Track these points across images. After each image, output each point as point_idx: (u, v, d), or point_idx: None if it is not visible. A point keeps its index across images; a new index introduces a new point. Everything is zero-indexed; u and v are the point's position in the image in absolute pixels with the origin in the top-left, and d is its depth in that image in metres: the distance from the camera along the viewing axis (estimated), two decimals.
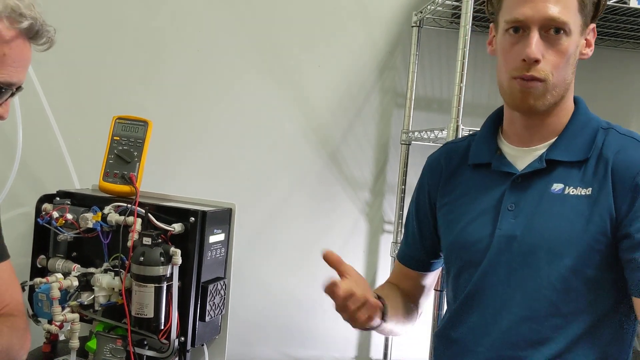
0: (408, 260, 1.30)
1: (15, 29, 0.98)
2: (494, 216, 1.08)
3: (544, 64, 1.00)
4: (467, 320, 1.11)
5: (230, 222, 1.53)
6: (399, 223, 2.07)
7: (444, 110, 2.12)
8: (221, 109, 2.03)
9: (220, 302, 1.51)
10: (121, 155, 1.51)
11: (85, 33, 1.94)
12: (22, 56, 1.01)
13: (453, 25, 2.02)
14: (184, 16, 2.00)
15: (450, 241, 1.16)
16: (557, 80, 1.02)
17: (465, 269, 1.12)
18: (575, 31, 1.01)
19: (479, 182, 1.14)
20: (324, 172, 2.11)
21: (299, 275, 2.09)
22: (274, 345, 2.11)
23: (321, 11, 2.06)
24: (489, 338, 1.07)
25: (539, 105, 1.03)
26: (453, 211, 1.16)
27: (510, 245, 1.05)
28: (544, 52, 1.00)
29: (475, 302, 1.10)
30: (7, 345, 1.07)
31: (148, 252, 1.32)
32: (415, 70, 2.03)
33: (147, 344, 1.40)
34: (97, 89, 1.97)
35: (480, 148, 1.16)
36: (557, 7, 0.99)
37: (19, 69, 1.01)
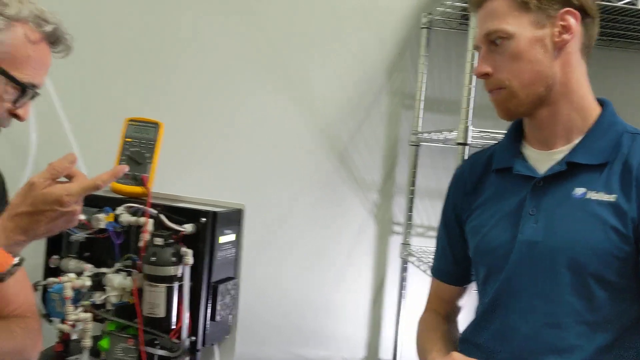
0: (441, 274, 1.30)
1: (39, 32, 1.02)
2: (516, 221, 1.08)
3: (499, 74, 1.06)
4: (490, 326, 1.11)
5: (240, 222, 1.55)
6: (408, 224, 2.07)
7: (453, 111, 2.11)
8: (230, 111, 2.05)
9: (231, 302, 1.52)
10: (133, 156, 1.53)
11: (97, 36, 1.96)
12: (44, 60, 1.05)
13: (462, 27, 2.02)
14: (195, 19, 2.01)
15: (475, 247, 1.16)
16: (521, 81, 1.04)
17: (490, 274, 1.12)
18: (520, 30, 1.03)
19: (502, 187, 1.14)
20: (332, 174, 2.11)
21: (308, 275, 2.10)
22: (283, 345, 2.12)
23: (330, 13, 2.07)
24: (511, 344, 1.07)
25: (514, 108, 1.07)
26: (477, 217, 1.17)
27: (532, 250, 1.05)
28: (495, 62, 1.06)
29: (498, 308, 1.10)
30: (21, 346, 1.09)
31: (160, 252, 1.34)
32: (425, 72, 2.03)
33: (158, 343, 1.41)
34: (108, 91, 1.98)
35: (503, 153, 1.17)
36: (489, 20, 1.06)
37: (41, 72, 1.05)
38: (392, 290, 2.13)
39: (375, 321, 2.17)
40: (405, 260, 2.07)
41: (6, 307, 1.10)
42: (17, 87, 1.01)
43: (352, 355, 2.17)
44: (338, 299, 2.14)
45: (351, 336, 2.14)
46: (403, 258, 2.07)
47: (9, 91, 1.01)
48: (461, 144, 1.55)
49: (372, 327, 2.17)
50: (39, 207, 0.93)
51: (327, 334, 2.13)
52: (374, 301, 2.15)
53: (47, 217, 0.94)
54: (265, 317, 2.07)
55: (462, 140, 1.55)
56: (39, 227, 0.95)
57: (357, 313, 2.14)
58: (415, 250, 2.02)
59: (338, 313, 2.13)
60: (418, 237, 2.12)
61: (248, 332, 1.70)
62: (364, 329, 2.16)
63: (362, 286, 2.15)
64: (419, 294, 1.96)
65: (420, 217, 2.14)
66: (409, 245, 2.07)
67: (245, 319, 1.62)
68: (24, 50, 1.01)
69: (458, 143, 1.56)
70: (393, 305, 2.11)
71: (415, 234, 2.12)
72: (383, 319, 2.16)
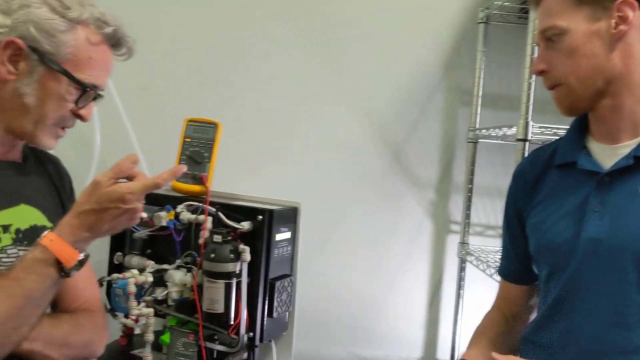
0: (504, 273, 1.27)
1: (100, 34, 1.05)
2: (579, 217, 1.04)
3: (555, 70, 1.05)
4: (553, 326, 1.08)
5: (296, 220, 1.56)
6: (466, 223, 2.04)
7: (512, 107, 2.06)
8: (287, 111, 2.06)
9: (287, 299, 1.53)
10: (192, 156, 1.56)
11: (158, 39, 2.01)
12: (105, 61, 1.08)
13: (521, 21, 1.97)
14: (251, 21, 2.04)
15: (536, 244, 1.13)
16: (578, 77, 1.03)
17: (553, 273, 1.09)
18: (574, 25, 1.01)
19: (564, 182, 1.11)
20: (388, 172, 2.10)
21: (364, 274, 2.10)
22: (339, 343, 2.12)
23: (385, 10, 2.06)
24: (576, 345, 1.03)
25: (573, 103, 1.06)
26: (538, 214, 1.14)
27: (597, 248, 1.01)
28: (552, 59, 1.05)
29: (562, 308, 1.07)
30: (88, 340, 1.13)
31: (218, 249, 1.36)
32: (483, 67, 1.99)
33: (218, 338, 1.44)
34: (168, 92, 2.04)
35: (567, 147, 1.13)
36: (545, 17, 1.06)
37: (102, 74, 1.08)
38: (449, 290, 2.10)
39: (432, 321, 2.14)
40: (463, 260, 2.04)
41: (74, 301, 1.15)
42: (79, 88, 1.04)
43: (408, 355, 2.15)
44: (394, 298, 2.12)
45: (407, 336, 2.12)
46: (461, 257, 2.04)
47: (71, 92, 1.04)
48: (521, 140, 1.51)
49: (429, 327, 2.15)
50: (104, 205, 0.97)
51: (383, 332, 2.12)
52: (431, 301, 2.13)
53: (110, 215, 0.97)
54: (322, 315, 2.07)
55: (522, 136, 1.51)
56: (103, 225, 0.98)
57: (413, 312, 2.13)
58: (474, 249, 1.98)
59: (394, 312, 2.12)
60: (476, 236, 2.09)
61: (305, 329, 1.70)
62: (420, 328, 2.14)
63: (419, 285, 2.13)
64: (478, 294, 1.94)
65: (479, 216, 2.10)
66: (467, 244, 2.03)
67: (301, 317, 1.63)
68: (85, 52, 1.04)
69: (518, 139, 1.52)
70: (451, 305, 2.08)
71: (473, 232, 2.08)
72: (440, 319, 2.14)
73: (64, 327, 1.06)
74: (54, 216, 1.16)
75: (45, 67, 1.01)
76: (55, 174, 1.22)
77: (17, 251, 1.05)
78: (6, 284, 0.93)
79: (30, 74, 1.01)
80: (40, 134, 1.05)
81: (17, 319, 0.93)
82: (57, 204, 1.19)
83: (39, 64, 1.01)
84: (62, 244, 0.96)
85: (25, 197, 1.10)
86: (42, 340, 0.99)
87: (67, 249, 0.96)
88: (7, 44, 1.00)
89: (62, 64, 1.02)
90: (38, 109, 1.03)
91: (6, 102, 1.03)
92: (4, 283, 0.93)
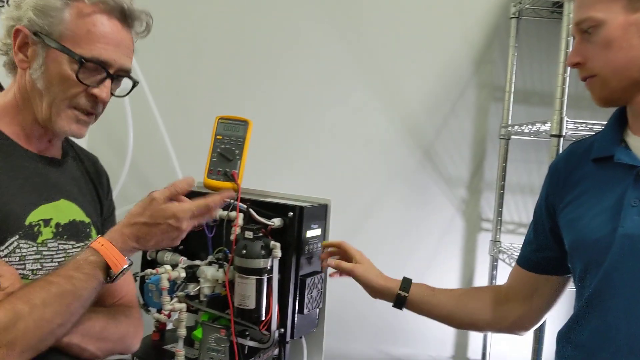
0: (520, 258, 1.27)
1: (94, 5, 1.03)
2: (616, 213, 1.02)
3: (590, 63, 1.03)
4: (589, 324, 1.06)
5: (326, 217, 1.56)
6: (498, 221, 2.01)
7: (545, 103, 2.04)
8: (316, 107, 2.07)
9: (318, 295, 1.53)
10: (223, 153, 1.56)
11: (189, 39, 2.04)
12: (109, 34, 1.04)
13: (554, 15, 1.94)
14: (281, 20, 2.05)
15: (571, 240, 1.11)
16: (613, 68, 1.01)
17: (588, 269, 1.07)
18: (611, 16, 0.99)
19: (601, 177, 1.09)
20: (418, 169, 2.09)
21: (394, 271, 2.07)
22: (369, 341, 2.12)
23: (416, 6, 2.05)
24: (613, 344, 1.01)
25: (607, 95, 1.04)
26: (574, 210, 1.11)
27: (634, 244, 0.99)
28: (587, 52, 1.03)
29: (597, 305, 1.04)
30: (124, 334, 1.15)
31: (250, 245, 1.37)
32: (515, 63, 1.97)
33: (249, 334, 1.44)
34: (199, 91, 2.06)
35: (604, 141, 1.11)
36: (580, 9, 1.03)
37: (107, 47, 1.03)
38: None
39: None
40: (495, 258, 2.01)
41: (112, 297, 1.17)
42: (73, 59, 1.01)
43: (439, 354, 2.14)
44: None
45: (437, 334, 2.11)
46: (493, 255, 2.02)
47: (74, 69, 1.02)
48: (555, 135, 1.49)
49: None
50: (156, 220, 1.03)
51: (412, 331, 2.11)
52: None
53: (160, 230, 1.04)
54: (352, 313, 2.07)
55: (556, 132, 1.49)
56: (151, 239, 1.04)
57: None
58: (506, 247, 1.96)
59: None
60: (509, 234, 2.06)
61: (335, 326, 1.70)
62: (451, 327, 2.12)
63: (450, 283, 2.11)
64: None
65: (511, 214, 2.08)
66: (499, 242, 2.01)
67: (331, 314, 1.63)
68: (83, 26, 1.02)
69: (552, 135, 1.50)
70: None
71: (505, 230, 2.06)
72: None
73: (100, 321, 1.07)
74: (92, 212, 1.18)
75: (47, 48, 1.02)
76: (94, 172, 1.25)
77: (57, 245, 1.08)
78: (57, 281, 0.95)
79: (37, 59, 1.03)
80: (56, 118, 1.04)
81: (64, 316, 0.95)
82: (94, 201, 1.22)
83: (42, 46, 1.02)
84: (112, 249, 1.00)
85: (65, 193, 1.12)
86: (80, 333, 1.01)
87: (116, 255, 1.00)
88: (15, 34, 1.03)
89: (61, 42, 1.01)
90: (48, 92, 1.03)
91: (28, 92, 1.05)
92: (55, 280, 0.95)
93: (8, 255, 0.99)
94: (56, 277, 0.96)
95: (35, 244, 1.04)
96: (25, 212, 1.03)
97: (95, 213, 1.21)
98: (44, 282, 0.95)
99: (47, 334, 0.93)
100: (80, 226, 1.14)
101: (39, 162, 1.10)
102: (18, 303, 0.90)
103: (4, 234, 0.99)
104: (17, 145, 1.07)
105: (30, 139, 1.09)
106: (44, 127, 1.07)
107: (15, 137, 1.07)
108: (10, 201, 1.01)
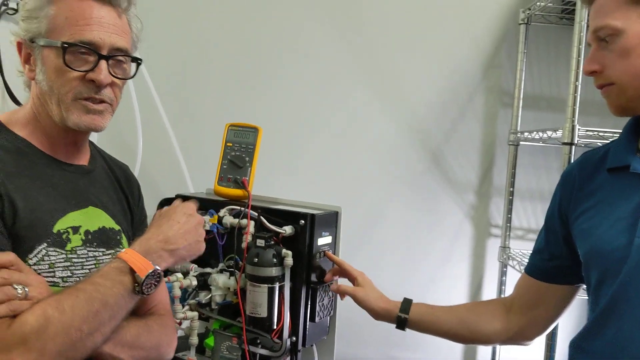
0: (530, 268, 1.26)
1: None
2: (633, 223, 1.01)
3: (608, 71, 1.02)
4: (603, 334, 1.05)
5: (337, 224, 1.56)
6: (507, 227, 2.01)
7: (553, 109, 2.04)
8: (326, 114, 2.07)
9: (329, 303, 1.53)
10: (234, 160, 1.57)
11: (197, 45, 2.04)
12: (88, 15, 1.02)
13: (562, 22, 1.94)
14: (288, 24, 2.05)
15: (586, 250, 1.10)
16: (631, 77, 1.00)
17: (603, 280, 1.06)
18: (629, 25, 0.98)
19: (617, 186, 1.08)
20: (426, 175, 2.09)
21: (402, 277, 2.09)
22: (379, 347, 2.11)
23: (422, 11, 2.05)
24: (627, 354, 1.00)
25: (624, 104, 1.03)
26: (589, 220, 1.10)
27: None
28: (605, 60, 1.02)
29: (612, 316, 1.04)
30: (157, 342, 1.13)
31: (262, 253, 1.37)
32: (523, 69, 1.96)
33: (260, 342, 1.44)
34: (209, 97, 2.06)
35: (619, 151, 1.10)
36: (597, 17, 1.02)
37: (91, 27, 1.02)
38: (490, 295, 2.08)
39: None
40: (504, 264, 2.01)
41: (144, 306, 1.15)
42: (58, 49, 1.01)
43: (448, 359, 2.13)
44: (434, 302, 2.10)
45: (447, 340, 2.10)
46: (502, 262, 2.01)
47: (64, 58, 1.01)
48: (567, 143, 1.48)
49: None
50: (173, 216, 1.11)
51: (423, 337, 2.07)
52: None
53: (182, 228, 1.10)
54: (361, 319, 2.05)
55: (568, 139, 1.48)
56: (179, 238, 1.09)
57: None
58: (515, 253, 1.95)
59: None
60: (518, 240, 2.06)
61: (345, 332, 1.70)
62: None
63: (459, 289, 2.11)
64: None
65: (520, 219, 2.07)
66: (509, 248, 2.00)
67: (341, 319, 1.63)
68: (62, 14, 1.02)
69: (564, 143, 1.50)
70: None
71: (514, 236, 2.05)
72: None
73: (133, 329, 1.06)
74: (122, 220, 1.19)
75: (40, 48, 1.03)
76: (125, 180, 1.25)
77: (87, 252, 1.08)
78: (84, 288, 0.95)
79: (38, 63, 1.04)
80: (67, 114, 1.04)
81: (92, 323, 0.94)
82: (124, 209, 1.22)
83: (37, 49, 1.04)
84: (135, 254, 1.01)
85: (93, 200, 1.13)
86: (112, 342, 1.00)
87: (140, 259, 1.00)
88: (18, 48, 1.05)
89: (47, 38, 1.02)
90: (52, 91, 1.03)
91: (41, 99, 1.06)
92: (82, 287, 0.95)
93: (37, 263, 0.99)
94: (83, 285, 0.96)
95: (64, 252, 1.04)
96: (53, 220, 1.03)
97: (125, 221, 1.21)
98: (72, 289, 0.95)
99: (76, 341, 0.92)
100: (110, 233, 1.14)
101: (66, 170, 1.10)
102: (48, 309, 0.90)
103: (32, 242, 0.99)
104: (44, 153, 1.07)
105: (56, 147, 1.09)
106: (63, 129, 1.07)
107: (41, 146, 1.07)
108: (37, 209, 1.01)
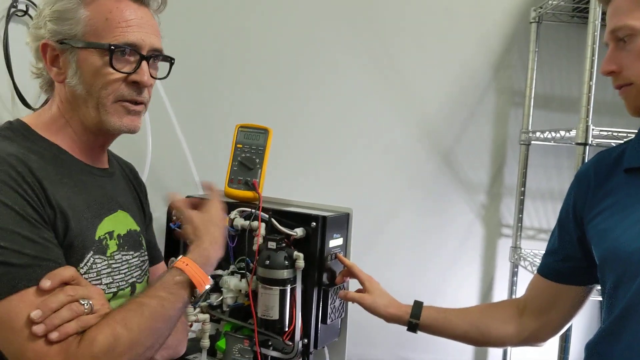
0: (543, 269, 1.25)
1: None
2: None
3: (626, 71, 1.01)
4: (620, 337, 1.04)
5: (348, 226, 1.55)
6: (518, 227, 2.00)
7: (564, 108, 2.02)
8: (336, 115, 2.06)
9: (340, 305, 1.53)
10: (244, 162, 1.56)
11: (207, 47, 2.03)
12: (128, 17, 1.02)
13: (574, 20, 1.92)
14: (300, 26, 2.05)
15: (602, 252, 1.09)
16: None
17: (620, 282, 1.05)
18: None
19: (634, 188, 1.07)
20: (437, 175, 2.08)
21: (413, 278, 2.08)
22: (390, 347, 2.10)
23: (432, 10, 2.04)
24: None
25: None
26: (605, 221, 1.09)
27: None
28: (622, 60, 1.01)
29: (630, 319, 1.03)
30: (180, 340, 1.16)
31: (273, 256, 1.36)
32: (535, 68, 1.95)
33: (272, 344, 1.44)
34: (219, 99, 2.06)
35: (636, 151, 1.09)
36: (615, 16, 1.01)
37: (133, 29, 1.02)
38: (501, 295, 2.07)
39: None
40: (515, 265, 2.00)
41: None
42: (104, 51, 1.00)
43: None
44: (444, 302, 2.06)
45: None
46: (513, 262, 2.00)
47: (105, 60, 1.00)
48: (581, 144, 1.47)
49: None
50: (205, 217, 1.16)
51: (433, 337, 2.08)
52: None
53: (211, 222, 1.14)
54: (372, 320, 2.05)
55: (582, 140, 1.47)
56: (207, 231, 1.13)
57: None
58: (526, 253, 1.94)
59: None
60: (529, 240, 2.05)
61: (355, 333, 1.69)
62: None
63: (470, 290, 2.10)
64: None
65: (531, 219, 2.06)
66: (520, 248, 1.99)
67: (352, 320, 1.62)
68: (100, 16, 1.00)
69: (577, 143, 1.48)
70: None
71: (525, 237, 2.04)
72: None
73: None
74: (139, 220, 1.19)
75: (75, 51, 1.01)
76: (135, 179, 1.26)
77: (122, 257, 1.08)
78: (148, 302, 0.94)
79: (70, 66, 1.02)
80: (106, 117, 1.02)
81: (153, 338, 0.94)
82: (139, 208, 1.23)
83: (70, 52, 1.01)
84: (196, 268, 1.00)
85: (120, 203, 1.13)
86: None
87: (200, 274, 1.00)
88: (43, 50, 1.02)
89: (85, 40, 1.00)
90: (90, 94, 1.01)
91: (72, 103, 1.04)
92: (146, 301, 0.94)
93: (87, 272, 0.99)
94: (147, 299, 0.94)
95: (106, 258, 1.03)
96: (94, 227, 1.02)
97: (141, 221, 1.22)
98: (137, 304, 0.93)
99: (139, 355, 0.92)
100: (135, 235, 1.15)
101: (95, 174, 1.09)
102: (117, 327, 0.89)
103: (82, 250, 0.98)
104: (75, 159, 1.06)
105: (85, 151, 1.08)
106: (95, 133, 1.05)
107: (71, 151, 1.06)
108: (81, 217, 1.00)
